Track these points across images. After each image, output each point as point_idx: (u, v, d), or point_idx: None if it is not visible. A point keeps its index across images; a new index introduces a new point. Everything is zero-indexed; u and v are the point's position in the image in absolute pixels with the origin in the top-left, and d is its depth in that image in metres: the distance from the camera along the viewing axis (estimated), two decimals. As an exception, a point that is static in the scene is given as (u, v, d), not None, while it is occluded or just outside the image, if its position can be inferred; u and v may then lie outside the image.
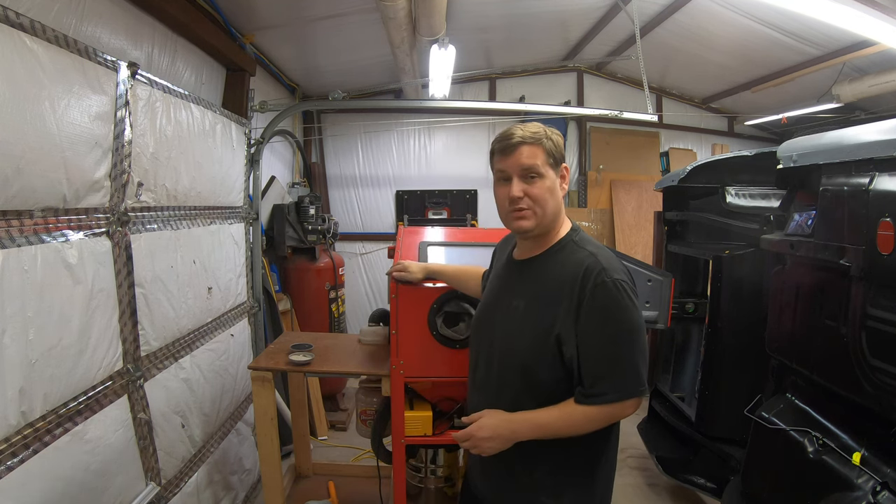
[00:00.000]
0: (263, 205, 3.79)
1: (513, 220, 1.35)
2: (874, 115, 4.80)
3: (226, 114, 2.91)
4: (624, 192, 5.71)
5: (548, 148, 1.32)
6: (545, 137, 1.32)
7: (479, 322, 1.51)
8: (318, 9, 3.50)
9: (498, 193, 1.37)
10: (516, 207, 1.32)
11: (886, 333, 1.60)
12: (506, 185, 1.33)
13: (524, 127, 1.33)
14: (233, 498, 2.79)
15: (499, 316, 1.41)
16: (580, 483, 1.38)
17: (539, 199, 1.31)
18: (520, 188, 1.31)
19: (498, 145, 1.36)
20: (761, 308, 2.47)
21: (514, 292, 1.40)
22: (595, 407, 1.26)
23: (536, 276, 1.37)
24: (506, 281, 1.47)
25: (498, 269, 1.55)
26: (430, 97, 4.71)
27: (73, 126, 1.63)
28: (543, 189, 1.31)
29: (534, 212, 1.32)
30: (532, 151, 1.31)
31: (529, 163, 1.30)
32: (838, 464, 1.70)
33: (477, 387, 1.49)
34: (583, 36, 4.88)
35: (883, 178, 1.65)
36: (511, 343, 1.36)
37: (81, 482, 1.64)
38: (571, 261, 1.32)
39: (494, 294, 1.49)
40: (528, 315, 1.34)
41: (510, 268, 1.47)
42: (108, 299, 1.81)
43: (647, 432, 3.44)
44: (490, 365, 1.43)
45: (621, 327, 1.26)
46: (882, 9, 2.43)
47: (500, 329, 1.40)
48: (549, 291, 1.32)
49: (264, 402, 2.31)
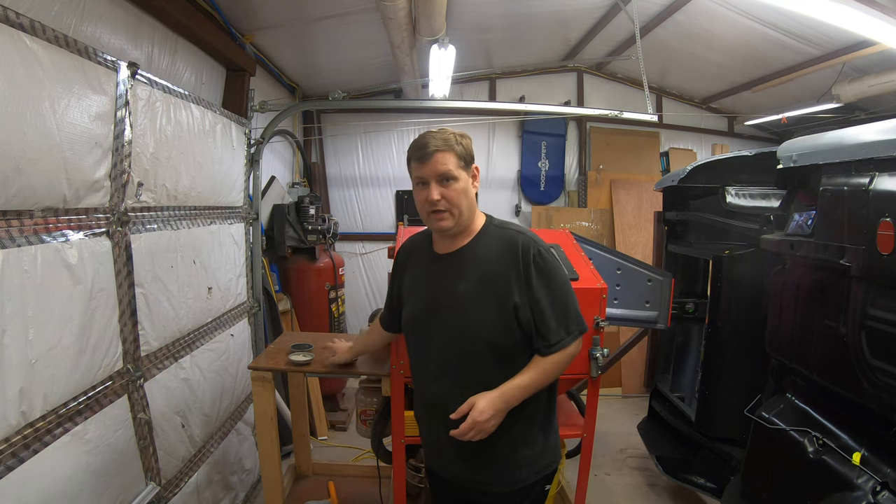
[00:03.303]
0: (263, 205, 3.79)
1: (434, 221, 1.49)
2: (874, 115, 4.79)
3: (226, 114, 2.91)
4: (624, 192, 5.71)
5: (459, 152, 1.47)
6: (455, 143, 1.47)
7: (422, 315, 1.56)
8: (317, 9, 3.50)
9: (418, 197, 1.50)
10: (435, 209, 1.46)
11: (886, 333, 1.60)
12: (424, 189, 1.47)
13: (436, 135, 1.47)
14: (233, 498, 2.79)
15: (446, 303, 1.50)
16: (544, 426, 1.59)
17: (454, 201, 1.46)
18: (437, 192, 1.45)
19: (415, 154, 1.48)
20: (761, 308, 2.47)
21: (456, 279, 1.50)
22: (560, 352, 1.47)
23: (473, 259, 1.51)
24: (438, 273, 1.55)
25: (419, 267, 1.62)
26: (430, 97, 4.71)
27: (73, 126, 1.63)
28: (458, 191, 1.47)
29: (451, 213, 1.47)
30: (445, 158, 1.45)
31: (444, 168, 1.45)
32: (838, 464, 1.70)
33: (433, 377, 1.54)
34: (583, 36, 4.88)
35: (883, 178, 1.65)
36: (470, 323, 1.47)
37: (81, 482, 1.64)
38: (502, 239, 1.51)
39: (429, 288, 1.56)
40: (482, 293, 1.47)
41: (437, 262, 1.57)
42: (108, 299, 1.81)
43: (647, 432, 3.44)
44: (447, 352, 1.50)
45: (560, 284, 1.50)
46: (882, 9, 2.43)
47: (453, 314, 1.48)
48: (491, 269, 1.47)
49: (264, 402, 2.31)
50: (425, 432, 1.66)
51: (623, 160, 5.95)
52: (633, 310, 2.62)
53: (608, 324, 2.28)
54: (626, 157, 5.98)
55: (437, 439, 1.57)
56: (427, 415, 1.62)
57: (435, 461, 1.67)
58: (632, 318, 2.65)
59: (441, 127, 1.53)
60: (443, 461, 1.62)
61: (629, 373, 4.95)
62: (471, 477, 1.57)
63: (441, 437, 1.53)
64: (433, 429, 1.59)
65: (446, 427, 1.46)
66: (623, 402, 4.81)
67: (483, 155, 5.87)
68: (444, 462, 1.61)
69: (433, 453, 1.66)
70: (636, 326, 3.08)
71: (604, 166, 5.86)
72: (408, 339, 1.65)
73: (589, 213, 5.76)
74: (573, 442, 2.62)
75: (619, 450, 3.85)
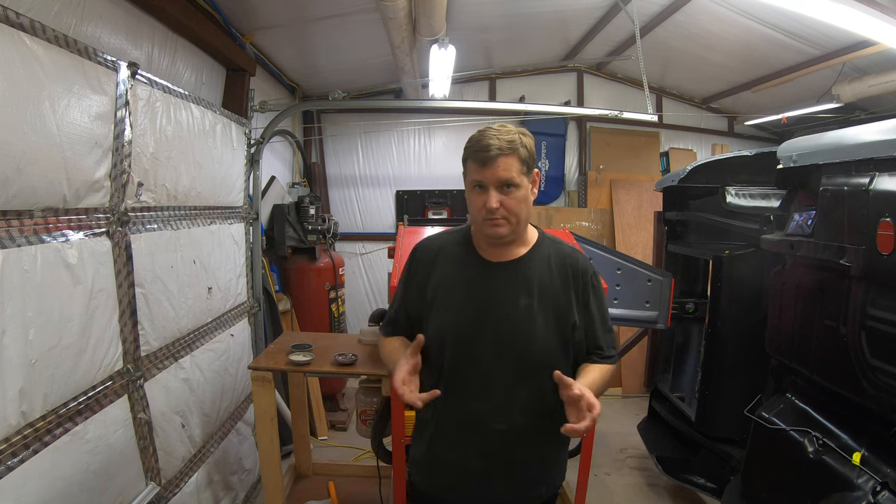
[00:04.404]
0: (263, 205, 3.79)
1: (488, 227, 1.37)
2: (874, 115, 4.79)
3: (226, 114, 2.91)
4: (624, 192, 5.70)
5: (523, 157, 1.34)
6: (520, 145, 1.33)
7: (470, 324, 1.40)
8: (317, 9, 3.50)
9: (474, 201, 1.37)
10: (492, 217, 1.34)
11: (886, 333, 1.60)
12: (481, 193, 1.34)
13: (500, 135, 1.32)
14: (233, 498, 2.79)
15: (504, 316, 1.38)
16: (565, 444, 1.57)
17: (514, 209, 1.34)
18: (496, 199, 1.32)
19: (475, 155, 1.34)
20: (761, 308, 2.47)
21: (516, 291, 1.39)
22: (613, 364, 1.47)
23: (532, 272, 1.41)
24: (493, 282, 1.42)
25: (461, 272, 1.45)
26: (430, 97, 4.71)
27: (74, 126, 1.63)
28: (519, 199, 1.35)
29: (508, 220, 1.35)
30: (509, 163, 1.32)
31: (506, 175, 1.32)
32: (838, 464, 1.70)
33: (475, 394, 1.40)
34: (583, 36, 4.88)
35: (883, 178, 1.65)
36: (531, 339, 1.37)
37: (81, 482, 1.64)
38: (558, 255, 1.45)
39: (481, 297, 1.41)
40: (544, 309, 1.39)
41: (489, 269, 1.43)
42: (108, 299, 1.81)
43: (647, 432, 3.44)
44: (500, 368, 1.38)
45: (607, 308, 1.53)
46: (882, 9, 2.43)
47: (512, 328, 1.38)
48: (552, 285, 1.41)
49: (264, 402, 2.31)
50: (444, 451, 1.47)
51: (623, 160, 5.95)
52: (633, 310, 2.63)
53: (608, 324, 2.27)
54: (626, 157, 5.97)
55: (462, 460, 1.43)
56: (458, 433, 1.43)
57: (446, 483, 1.50)
58: (632, 318, 2.66)
59: (502, 123, 1.38)
60: (461, 483, 1.47)
61: (629, 373, 4.95)
62: (489, 498, 1.47)
63: (470, 458, 1.42)
64: (461, 448, 1.43)
65: (483, 447, 1.39)
66: (623, 402, 4.81)
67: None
68: (463, 484, 1.46)
69: (450, 476, 1.48)
70: (636, 326, 3.09)
71: (604, 166, 5.86)
72: (439, 347, 1.42)
73: (589, 213, 5.76)
74: (573, 442, 2.62)
75: (619, 450, 3.85)
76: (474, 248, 1.47)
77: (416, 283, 1.50)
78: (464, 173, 1.41)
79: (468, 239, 1.49)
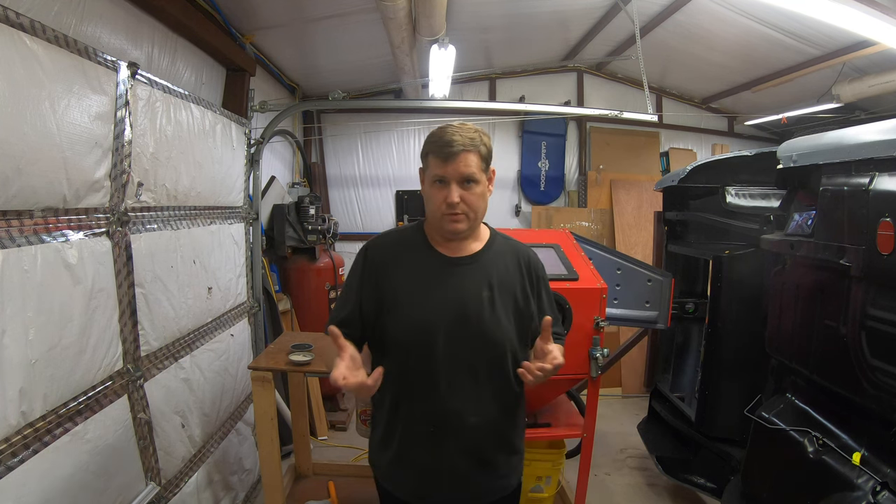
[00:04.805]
0: (263, 205, 3.79)
1: (448, 223, 1.39)
2: (874, 115, 4.79)
3: (226, 114, 2.91)
4: (624, 192, 5.71)
5: (483, 154, 1.38)
6: (480, 143, 1.37)
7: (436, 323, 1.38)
8: (317, 9, 3.50)
9: (434, 196, 1.39)
10: (453, 211, 1.37)
11: (886, 333, 1.60)
12: (443, 188, 1.37)
13: (462, 132, 1.35)
14: (233, 498, 2.79)
15: (472, 311, 1.39)
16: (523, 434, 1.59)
17: (474, 205, 1.38)
18: (458, 194, 1.35)
19: (437, 150, 1.36)
20: (761, 308, 2.47)
21: (479, 285, 1.42)
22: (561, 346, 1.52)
23: (491, 266, 1.46)
24: (457, 278, 1.42)
25: (421, 270, 1.44)
26: (430, 97, 4.71)
27: (74, 126, 1.63)
28: (478, 195, 1.39)
29: (468, 216, 1.39)
30: (471, 159, 1.35)
31: (468, 171, 1.35)
32: (838, 464, 1.70)
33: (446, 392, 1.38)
34: (583, 36, 4.88)
35: (883, 178, 1.65)
36: (497, 332, 1.40)
37: (81, 482, 1.64)
38: (510, 249, 1.52)
39: (445, 294, 1.41)
40: (504, 302, 1.43)
41: (450, 266, 1.44)
42: (108, 299, 1.81)
43: (647, 432, 3.44)
44: (470, 363, 1.39)
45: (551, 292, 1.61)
46: (882, 9, 2.43)
47: (480, 322, 1.39)
48: (508, 278, 1.46)
49: (264, 402, 2.31)
50: (419, 455, 1.42)
51: (623, 160, 5.96)
52: (633, 310, 2.63)
53: (608, 324, 2.28)
54: (626, 157, 5.98)
55: (438, 461, 1.41)
56: (433, 434, 1.40)
57: (424, 486, 1.46)
58: (632, 318, 2.65)
59: (462, 122, 1.41)
60: (439, 483, 1.44)
61: (629, 373, 4.95)
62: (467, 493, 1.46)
63: (447, 456, 1.40)
64: (437, 449, 1.40)
65: (458, 443, 1.38)
66: (623, 402, 4.81)
67: (483, 155, 5.87)
68: (441, 484, 1.44)
69: (428, 478, 1.44)
70: (636, 326, 3.09)
71: (604, 166, 5.86)
72: (405, 347, 1.40)
73: (589, 213, 5.77)
74: (573, 442, 2.62)
75: (619, 450, 3.85)
76: (430, 244, 1.47)
77: (372, 284, 1.45)
78: (422, 169, 1.44)
79: (422, 235, 1.49)
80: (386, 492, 1.54)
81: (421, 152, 1.43)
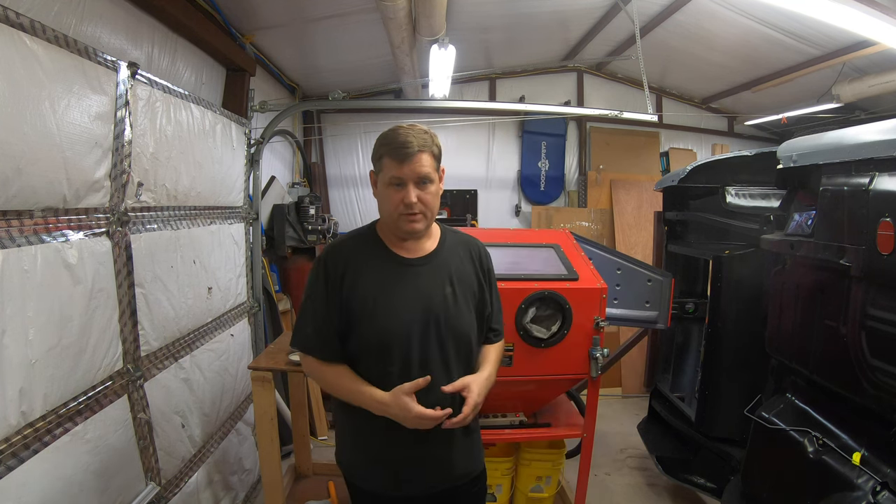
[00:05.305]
0: (263, 205, 3.79)
1: (406, 223, 1.42)
2: (874, 115, 4.80)
3: (226, 114, 2.91)
4: (624, 192, 5.71)
5: (435, 153, 1.43)
6: (433, 143, 1.42)
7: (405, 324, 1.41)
8: (317, 9, 3.50)
9: (391, 197, 1.41)
10: (411, 212, 1.40)
11: (886, 333, 1.60)
12: (400, 190, 1.39)
13: (414, 132, 1.39)
14: (233, 498, 2.79)
15: (437, 309, 1.44)
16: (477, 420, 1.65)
17: (430, 205, 1.43)
18: (415, 194, 1.39)
19: (393, 152, 1.38)
20: (761, 308, 2.47)
21: (441, 282, 1.47)
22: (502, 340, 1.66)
23: (447, 262, 1.51)
24: (418, 278, 1.46)
25: (382, 275, 1.45)
26: (430, 97, 4.71)
27: (73, 126, 1.63)
28: (434, 194, 1.44)
29: (425, 215, 1.43)
30: (425, 159, 1.39)
31: (424, 171, 1.39)
32: (838, 464, 1.70)
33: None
34: (583, 36, 4.88)
35: (883, 178, 1.65)
36: (461, 325, 1.47)
37: (81, 482, 1.64)
38: (461, 243, 1.58)
39: (410, 295, 1.43)
40: (464, 295, 1.50)
41: (410, 267, 1.47)
42: (108, 299, 1.81)
43: (647, 432, 3.44)
44: (440, 358, 1.44)
45: None
46: (882, 9, 2.43)
47: (446, 319, 1.45)
48: (463, 271, 1.52)
49: (264, 402, 2.31)
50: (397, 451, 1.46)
51: (623, 160, 5.96)
52: (633, 310, 2.63)
53: (608, 324, 2.28)
54: (626, 157, 5.98)
55: (416, 454, 1.45)
56: (414, 431, 1.40)
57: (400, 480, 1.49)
58: (632, 318, 2.65)
59: (411, 123, 1.45)
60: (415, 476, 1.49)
61: (629, 373, 4.95)
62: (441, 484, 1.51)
63: (426, 449, 1.45)
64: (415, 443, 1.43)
65: (435, 437, 1.41)
66: (623, 402, 4.80)
67: (483, 155, 5.87)
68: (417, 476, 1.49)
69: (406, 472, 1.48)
70: (636, 326, 3.08)
71: (604, 166, 5.86)
72: (382, 353, 1.41)
73: (589, 213, 5.77)
74: (573, 442, 2.62)
75: (619, 450, 3.85)
76: (387, 246, 1.50)
77: (338, 296, 1.43)
78: (375, 172, 1.46)
79: (377, 239, 1.51)
80: (360, 490, 1.55)
81: (373, 155, 1.45)
